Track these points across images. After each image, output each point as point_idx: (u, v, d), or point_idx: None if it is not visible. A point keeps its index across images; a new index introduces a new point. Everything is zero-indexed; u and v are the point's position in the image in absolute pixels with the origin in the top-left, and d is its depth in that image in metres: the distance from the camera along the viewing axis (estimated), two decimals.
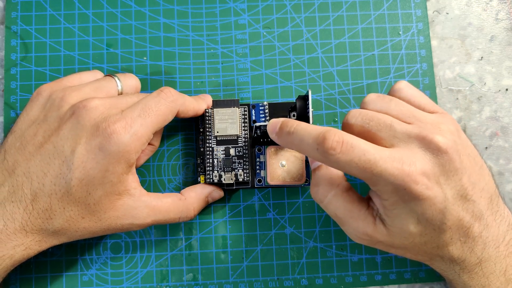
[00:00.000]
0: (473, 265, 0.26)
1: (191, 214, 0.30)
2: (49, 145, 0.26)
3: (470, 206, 0.25)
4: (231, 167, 0.31)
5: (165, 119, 0.28)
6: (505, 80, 0.35)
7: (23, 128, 0.28)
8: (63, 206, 0.26)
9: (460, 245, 0.26)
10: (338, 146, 0.23)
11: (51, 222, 0.26)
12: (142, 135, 0.26)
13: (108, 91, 0.29)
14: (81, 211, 0.26)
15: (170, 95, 0.28)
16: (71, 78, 0.30)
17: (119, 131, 0.25)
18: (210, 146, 0.31)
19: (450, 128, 0.26)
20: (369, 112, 0.27)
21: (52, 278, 0.32)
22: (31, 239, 0.26)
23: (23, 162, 0.26)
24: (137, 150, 0.26)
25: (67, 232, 0.26)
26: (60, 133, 0.26)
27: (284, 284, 0.32)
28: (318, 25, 0.35)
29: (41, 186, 0.25)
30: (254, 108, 0.32)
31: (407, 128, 0.25)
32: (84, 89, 0.28)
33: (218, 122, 0.31)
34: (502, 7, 0.36)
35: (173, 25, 0.35)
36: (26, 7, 0.34)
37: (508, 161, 0.35)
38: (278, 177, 0.30)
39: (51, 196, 0.25)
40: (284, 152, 0.31)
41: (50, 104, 0.28)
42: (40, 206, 0.25)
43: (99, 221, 0.27)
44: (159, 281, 0.32)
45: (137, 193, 0.28)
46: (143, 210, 0.28)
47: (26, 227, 0.25)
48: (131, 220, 0.27)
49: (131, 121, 0.26)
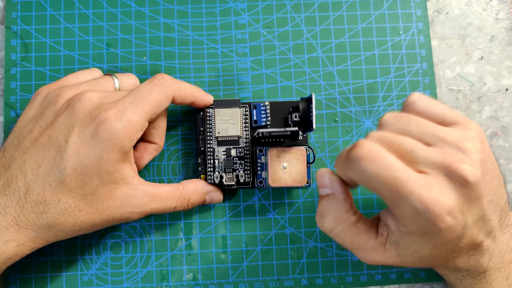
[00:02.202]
0: (478, 273, 0.26)
1: (185, 204, 0.30)
2: (44, 138, 0.26)
3: (485, 225, 0.24)
4: (232, 168, 0.31)
5: (159, 105, 0.28)
6: (505, 80, 0.35)
7: (21, 126, 0.28)
8: (58, 198, 0.25)
9: (467, 258, 0.25)
10: (367, 154, 0.22)
11: (45, 217, 0.25)
12: (134, 122, 0.26)
13: (105, 88, 0.29)
14: (77, 203, 0.26)
15: (163, 81, 0.28)
16: (69, 77, 0.30)
17: (111, 118, 0.25)
18: (211, 146, 0.31)
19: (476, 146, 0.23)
20: (388, 136, 0.24)
21: (52, 278, 0.32)
22: (25, 235, 0.25)
23: (18, 157, 0.26)
24: (130, 137, 0.26)
25: (64, 227, 0.26)
26: (55, 125, 0.26)
27: (284, 284, 0.32)
28: (318, 25, 0.35)
29: (34, 178, 0.25)
30: (255, 108, 0.32)
31: (430, 154, 0.23)
32: (81, 86, 0.29)
33: (219, 123, 0.31)
34: (502, 7, 0.36)
35: (173, 25, 0.35)
36: (26, 7, 0.34)
37: (508, 161, 0.35)
38: (280, 179, 0.30)
39: (45, 187, 0.25)
40: (285, 154, 0.31)
41: (48, 102, 0.28)
42: (33, 199, 0.25)
43: (97, 212, 0.26)
44: (159, 281, 0.32)
45: (135, 181, 0.27)
46: (142, 198, 0.27)
47: (18, 221, 0.25)
48: (130, 209, 0.27)
49: (123, 108, 0.26)
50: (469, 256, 0.25)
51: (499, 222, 0.26)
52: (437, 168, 0.22)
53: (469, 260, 0.26)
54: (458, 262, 0.26)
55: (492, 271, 0.26)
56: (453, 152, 0.23)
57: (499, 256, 0.26)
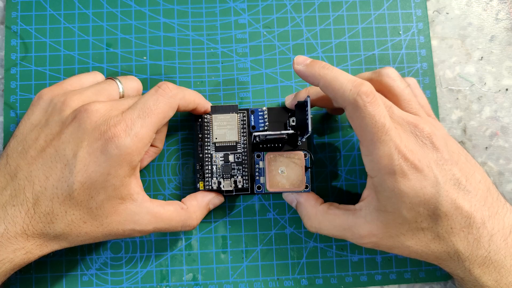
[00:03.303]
0: (483, 258, 0.26)
1: (193, 223, 0.30)
2: (51, 149, 0.26)
3: (467, 196, 0.26)
4: (230, 173, 0.31)
5: (166, 116, 0.28)
6: (505, 80, 0.35)
7: (24, 132, 0.28)
8: (65, 210, 0.26)
9: (464, 236, 0.26)
10: (371, 96, 0.25)
11: (52, 226, 0.26)
12: (143, 136, 0.26)
13: (110, 94, 0.29)
14: (83, 215, 0.26)
15: (168, 90, 0.28)
16: (72, 81, 0.30)
17: (120, 134, 0.25)
18: (209, 152, 0.31)
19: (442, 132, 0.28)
20: None
21: (52, 278, 0.32)
22: (32, 243, 0.26)
23: (25, 166, 0.26)
24: (139, 152, 0.26)
25: (68, 237, 0.26)
26: (61, 137, 0.26)
27: (284, 284, 0.32)
28: (318, 25, 0.35)
29: (43, 190, 0.25)
30: (253, 114, 0.32)
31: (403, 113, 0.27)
32: (86, 93, 0.28)
33: (217, 129, 0.31)
34: (502, 7, 0.36)
35: (173, 25, 0.35)
36: (26, 7, 0.34)
37: (508, 161, 0.35)
38: (278, 184, 0.30)
39: (53, 199, 0.25)
40: (283, 159, 0.30)
41: (52, 108, 0.28)
42: (41, 210, 0.25)
43: (100, 226, 0.27)
44: (159, 281, 0.32)
45: (140, 198, 0.27)
46: (145, 217, 0.27)
47: (27, 231, 0.25)
48: (133, 226, 0.27)
49: (131, 122, 0.26)
50: (465, 233, 0.26)
51: (490, 201, 0.26)
52: (406, 124, 0.27)
53: (468, 239, 0.26)
54: (456, 242, 0.26)
55: (497, 255, 0.26)
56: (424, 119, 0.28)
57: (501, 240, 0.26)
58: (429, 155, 0.26)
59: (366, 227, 0.27)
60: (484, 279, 0.26)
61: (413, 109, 0.28)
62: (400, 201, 0.25)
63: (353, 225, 0.27)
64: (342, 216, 0.28)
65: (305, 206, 0.30)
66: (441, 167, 0.26)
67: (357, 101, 0.25)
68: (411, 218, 0.26)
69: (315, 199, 0.30)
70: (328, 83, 0.27)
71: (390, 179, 0.25)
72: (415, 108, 0.28)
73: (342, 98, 0.26)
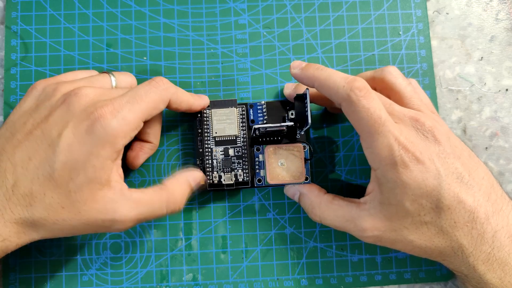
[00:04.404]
0: (487, 254, 0.26)
1: (177, 201, 0.28)
2: (38, 131, 0.26)
3: (470, 190, 0.26)
4: (230, 167, 0.31)
5: (155, 107, 0.28)
6: (505, 80, 0.35)
7: (14, 119, 0.28)
8: (44, 191, 0.25)
9: (468, 231, 0.26)
10: (364, 90, 0.26)
11: (30, 210, 0.25)
12: (130, 121, 0.26)
13: (102, 85, 0.29)
14: (61, 199, 0.25)
15: (161, 83, 0.28)
16: (67, 74, 0.31)
17: (106, 115, 0.25)
18: (209, 147, 0.31)
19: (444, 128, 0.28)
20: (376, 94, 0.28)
21: (52, 278, 0.32)
22: (10, 229, 0.25)
23: (10, 149, 0.26)
24: (124, 135, 0.26)
25: (46, 224, 0.25)
26: (49, 119, 0.26)
27: (284, 284, 0.32)
28: (318, 25, 0.35)
29: (24, 171, 0.25)
30: (252, 108, 0.32)
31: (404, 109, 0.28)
32: (78, 82, 0.29)
33: (216, 123, 0.31)
34: (502, 7, 0.36)
35: (173, 25, 0.35)
36: (26, 7, 0.34)
37: (508, 161, 0.35)
38: (278, 176, 0.30)
39: (33, 180, 0.25)
40: (282, 151, 0.31)
41: (44, 96, 0.28)
42: (20, 191, 0.25)
43: (78, 213, 0.26)
44: (159, 281, 0.32)
45: (118, 186, 0.27)
46: (125, 204, 0.26)
47: (4, 214, 0.25)
48: (113, 215, 0.26)
49: (119, 106, 0.26)
50: (469, 228, 0.26)
51: (494, 197, 0.26)
52: (408, 119, 0.27)
53: (472, 234, 0.26)
54: (460, 236, 0.26)
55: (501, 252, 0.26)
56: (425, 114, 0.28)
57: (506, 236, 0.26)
58: (431, 148, 0.26)
59: (369, 220, 0.27)
60: (488, 276, 0.26)
61: (415, 106, 0.29)
62: (402, 192, 0.26)
63: (356, 217, 0.27)
64: (346, 208, 0.28)
65: (309, 196, 0.30)
66: (443, 160, 0.26)
67: (350, 96, 0.26)
68: (414, 211, 0.26)
69: (318, 189, 0.30)
70: (323, 82, 0.27)
71: (392, 170, 0.26)
72: (417, 105, 0.29)
73: (336, 95, 0.27)
